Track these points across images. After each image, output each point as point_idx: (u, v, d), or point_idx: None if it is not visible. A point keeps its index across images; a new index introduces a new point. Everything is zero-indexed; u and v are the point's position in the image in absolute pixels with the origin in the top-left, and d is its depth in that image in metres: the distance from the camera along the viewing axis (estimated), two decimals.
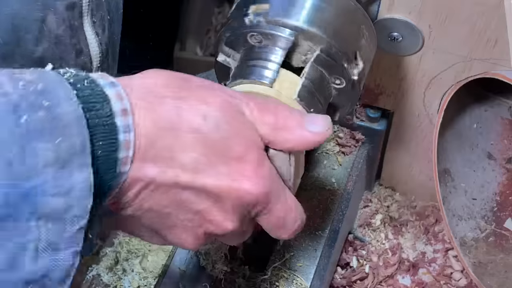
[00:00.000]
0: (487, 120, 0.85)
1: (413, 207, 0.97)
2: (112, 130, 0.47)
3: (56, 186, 0.43)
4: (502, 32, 0.73)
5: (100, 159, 0.46)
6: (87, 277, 0.78)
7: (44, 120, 0.43)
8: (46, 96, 0.44)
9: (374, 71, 0.83)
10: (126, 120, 0.48)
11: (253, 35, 0.65)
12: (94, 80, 0.48)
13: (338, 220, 0.82)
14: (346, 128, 0.90)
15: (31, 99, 0.44)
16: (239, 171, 0.52)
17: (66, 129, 0.44)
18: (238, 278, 0.76)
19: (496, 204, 0.87)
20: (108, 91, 0.48)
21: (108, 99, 0.47)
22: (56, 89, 0.45)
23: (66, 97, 0.45)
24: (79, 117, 0.45)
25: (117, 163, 0.47)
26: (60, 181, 0.44)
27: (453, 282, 0.90)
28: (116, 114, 0.47)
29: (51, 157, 0.43)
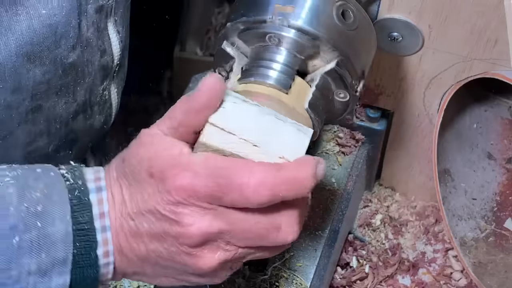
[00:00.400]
0: (487, 120, 0.85)
1: (413, 207, 0.97)
2: (91, 233, 0.55)
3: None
4: (502, 32, 0.73)
5: (79, 258, 0.55)
6: None
7: (33, 239, 0.53)
8: (42, 217, 0.54)
9: (374, 71, 0.83)
10: (103, 222, 0.56)
11: (272, 36, 0.64)
12: (85, 189, 0.56)
13: (338, 220, 0.82)
14: (346, 128, 0.90)
15: (28, 220, 0.53)
16: (157, 183, 0.56)
17: (52, 246, 0.54)
18: (238, 278, 0.76)
19: (496, 204, 0.87)
20: (92, 197, 0.56)
21: (91, 206, 0.56)
22: (54, 209, 0.54)
23: (61, 217, 0.54)
24: (67, 234, 0.54)
25: (97, 258, 0.56)
26: (39, 286, 0.54)
27: (453, 282, 0.90)
28: (95, 217, 0.56)
29: (34, 269, 0.53)
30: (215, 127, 0.56)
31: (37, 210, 0.54)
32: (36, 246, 0.53)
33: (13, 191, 0.54)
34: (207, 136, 0.56)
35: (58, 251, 0.54)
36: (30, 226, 0.53)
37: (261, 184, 0.53)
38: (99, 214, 0.56)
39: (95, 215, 0.56)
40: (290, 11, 0.64)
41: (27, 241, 0.53)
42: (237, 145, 0.56)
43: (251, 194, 0.53)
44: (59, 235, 0.54)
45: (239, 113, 0.58)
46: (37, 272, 0.53)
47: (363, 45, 0.68)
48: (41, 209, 0.54)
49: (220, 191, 0.54)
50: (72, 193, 0.56)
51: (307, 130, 0.59)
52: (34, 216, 0.54)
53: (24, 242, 0.53)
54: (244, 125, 0.57)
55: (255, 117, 0.58)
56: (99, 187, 0.57)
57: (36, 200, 0.54)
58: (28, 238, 0.53)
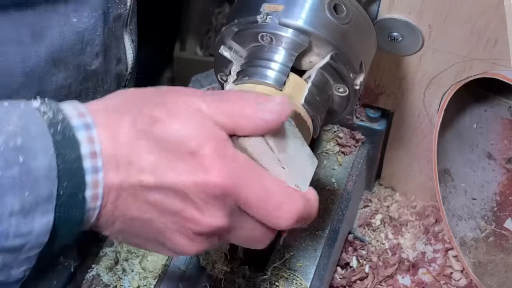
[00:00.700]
0: (487, 120, 0.85)
1: (413, 207, 0.97)
2: (79, 173, 0.51)
3: (17, 231, 0.50)
4: (502, 32, 0.73)
5: (65, 199, 0.51)
6: (87, 277, 0.78)
7: (16, 176, 0.49)
8: (23, 151, 0.49)
9: (374, 71, 0.83)
10: (95, 162, 0.52)
11: (264, 34, 0.65)
12: (68, 124, 0.52)
13: (338, 220, 0.82)
14: (346, 128, 0.90)
15: (8, 155, 0.49)
16: (197, 165, 0.53)
17: (35, 183, 0.50)
18: (238, 278, 0.76)
19: (496, 204, 0.87)
20: (79, 134, 0.52)
21: (78, 144, 0.51)
22: (35, 143, 0.50)
23: (43, 150, 0.50)
24: (51, 169, 0.50)
25: (85, 201, 0.52)
26: (22, 227, 0.50)
27: (453, 282, 0.90)
28: (84, 156, 0.51)
29: (17, 208, 0.49)
30: (262, 138, 0.57)
31: (16, 144, 0.49)
32: (18, 183, 0.49)
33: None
34: (252, 142, 0.57)
35: (42, 188, 0.50)
36: (11, 162, 0.49)
37: (295, 214, 0.56)
38: (90, 154, 0.51)
39: (84, 154, 0.51)
40: (280, 9, 0.64)
41: (9, 178, 0.49)
42: (271, 163, 0.57)
43: (284, 220, 0.56)
44: (42, 171, 0.50)
45: (282, 131, 0.59)
46: (20, 212, 0.49)
47: (358, 38, 0.68)
48: (20, 143, 0.49)
49: (259, 206, 0.55)
50: (54, 127, 0.51)
51: (315, 160, 0.61)
52: (15, 150, 0.49)
53: (5, 179, 0.49)
54: (282, 146, 0.58)
55: (290, 140, 0.59)
56: (86, 124, 0.52)
57: (13, 133, 0.50)
58: (10, 174, 0.49)
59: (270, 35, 0.64)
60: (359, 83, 0.67)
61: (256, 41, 0.65)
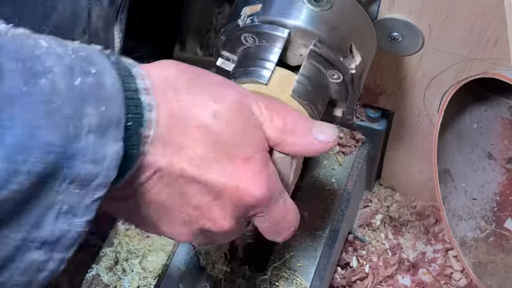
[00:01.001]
0: (487, 120, 0.85)
1: (413, 207, 0.96)
2: (138, 106, 0.48)
3: (94, 153, 0.44)
4: (502, 32, 0.73)
5: (128, 133, 0.47)
6: (87, 277, 0.78)
7: (93, 86, 0.44)
8: (92, 64, 0.45)
9: (374, 71, 0.83)
10: (150, 99, 0.48)
11: (247, 36, 0.66)
12: (118, 57, 0.49)
13: (338, 220, 0.82)
14: (346, 128, 0.90)
15: (82, 64, 0.45)
16: (244, 171, 0.53)
17: (109, 99, 0.45)
18: (238, 278, 0.76)
19: (496, 204, 0.87)
20: (132, 69, 0.49)
21: (134, 76, 0.48)
22: (98, 60, 0.46)
23: (107, 69, 0.46)
24: (119, 90, 0.46)
25: (140, 141, 0.48)
26: (98, 149, 0.44)
27: (453, 282, 0.90)
28: (141, 91, 0.48)
29: (95, 124, 0.44)
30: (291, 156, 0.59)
31: (84, 56, 0.45)
32: (96, 94, 0.44)
33: (48, 41, 0.45)
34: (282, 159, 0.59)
35: (114, 108, 0.45)
36: (86, 71, 0.45)
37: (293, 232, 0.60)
38: (144, 89, 0.48)
39: (140, 88, 0.48)
40: (259, 9, 0.65)
41: (88, 86, 0.44)
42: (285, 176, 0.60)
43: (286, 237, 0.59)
44: (113, 89, 0.46)
45: None
46: (97, 129, 0.44)
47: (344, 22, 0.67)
48: (85, 55, 0.45)
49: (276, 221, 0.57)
50: (112, 59, 0.48)
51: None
52: (86, 61, 0.45)
53: (85, 85, 0.44)
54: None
55: None
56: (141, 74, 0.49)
57: (77, 48, 0.46)
58: (88, 82, 0.44)
59: (252, 35, 0.65)
60: (353, 67, 0.67)
61: (243, 44, 0.67)
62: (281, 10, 0.65)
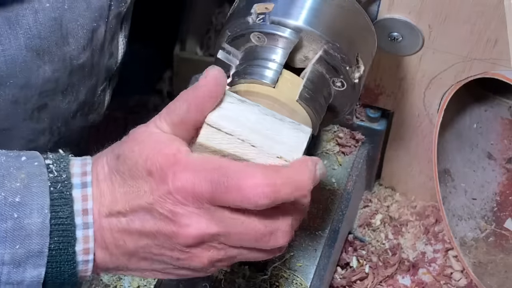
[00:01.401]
0: (487, 120, 0.85)
1: (413, 207, 0.97)
2: (70, 229, 0.55)
3: (8, 279, 0.54)
4: (502, 32, 0.73)
5: (56, 252, 0.54)
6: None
7: (8, 230, 0.53)
8: (19, 208, 0.54)
9: (374, 71, 0.83)
10: (86, 219, 0.55)
11: (256, 35, 0.65)
12: (68, 183, 0.56)
13: (338, 220, 0.82)
14: (346, 128, 0.90)
15: (4, 210, 0.53)
16: (155, 181, 0.55)
17: (26, 238, 0.53)
18: (238, 278, 0.76)
19: (496, 204, 0.87)
20: (75, 193, 0.55)
21: (72, 202, 0.55)
22: (33, 202, 0.54)
23: (39, 209, 0.54)
24: (44, 228, 0.54)
25: (75, 255, 0.55)
26: (13, 275, 0.54)
27: (453, 282, 0.90)
28: (76, 213, 0.55)
29: (7, 259, 0.53)
30: (212, 127, 0.57)
31: (14, 201, 0.54)
32: (10, 236, 0.53)
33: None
34: (205, 137, 0.57)
35: (33, 243, 0.54)
36: (6, 216, 0.53)
37: (261, 185, 0.53)
38: (82, 211, 0.55)
39: (77, 211, 0.55)
40: (271, 8, 0.65)
41: (2, 231, 0.53)
42: (235, 146, 0.57)
43: (251, 194, 0.53)
44: (35, 228, 0.54)
45: (237, 113, 0.58)
46: (11, 262, 0.53)
47: (352, 31, 0.68)
48: (19, 200, 0.54)
49: (220, 191, 0.54)
50: (55, 186, 0.55)
51: (305, 129, 0.59)
52: (11, 206, 0.53)
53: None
54: (242, 126, 0.57)
55: (253, 117, 0.58)
56: (84, 182, 0.56)
57: (15, 190, 0.54)
58: (3, 228, 0.53)
59: (262, 35, 0.65)
60: (357, 77, 0.67)
61: (250, 42, 0.66)
62: (292, 12, 0.65)
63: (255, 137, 0.57)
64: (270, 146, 0.57)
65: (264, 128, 0.58)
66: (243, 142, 0.57)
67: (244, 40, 0.66)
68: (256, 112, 0.59)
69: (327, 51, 0.65)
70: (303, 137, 0.59)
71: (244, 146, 0.57)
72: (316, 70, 0.66)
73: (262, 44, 0.65)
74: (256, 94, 0.63)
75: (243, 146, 0.57)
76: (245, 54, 0.67)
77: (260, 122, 0.58)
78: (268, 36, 0.65)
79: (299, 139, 0.58)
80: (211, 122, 0.57)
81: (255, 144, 0.57)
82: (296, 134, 0.58)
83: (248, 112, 0.58)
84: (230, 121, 0.57)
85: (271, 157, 0.57)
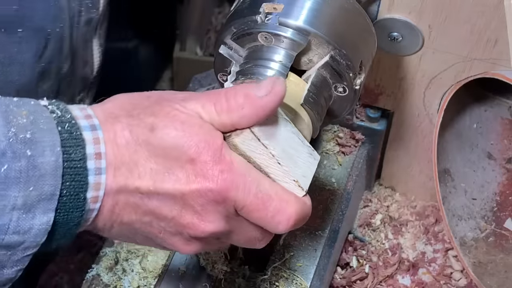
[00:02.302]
0: (487, 120, 0.85)
1: (413, 207, 0.97)
2: (82, 173, 0.51)
3: (17, 226, 0.50)
4: (502, 32, 0.73)
5: (66, 198, 0.51)
6: (87, 277, 0.78)
7: (23, 170, 0.49)
8: (32, 146, 0.49)
9: (374, 71, 0.83)
10: (99, 163, 0.52)
11: (263, 34, 0.65)
12: (75, 123, 0.52)
13: (338, 220, 0.82)
14: (346, 128, 0.90)
15: (17, 148, 0.49)
16: (195, 172, 0.53)
17: (40, 179, 0.49)
18: (238, 278, 0.76)
19: (496, 204, 0.87)
20: (86, 134, 0.52)
21: (84, 143, 0.51)
22: (44, 138, 0.50)
23: (51, 146, 0.50)
24: (57, 167, 0.50)
25: (86, 202, 0.52)
26: (22, 223, 0.50)
27: (453, 282, 0.90)
28: (89, 157, 0.51)
29: (20, 203, 0.49)
30: (252, 134, 0.57)
31: (25, 137, 0.49)
32: (25, 177, 0.49)
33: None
34: (241, 140, 0.57)
35: (46, 184, 0.50)
36: (19, 155, 0.49)
37: (293, 217, 0.56)
38: (94, 154, 0.52)
39: (89, 154, 0.51)
40: (280, 9, 0.65)
41: (16, 171, 0.49)
42: (264, 158, 0.57)
43: (283, 222, 0.56)
44: (49, 167, 0.50)
45: (274, 125, 0.59)
46: (22, 207, 0.49)
47: (358, 38, 0.68)
48: (30, 136, 0.50)
49: (258, 208, 0.55)
50: (62, 125, 0.51)
51: (316, 156, 0.61)
52: (23, 143, 0.49)
53: (12, 171, 0.49)
54: (276, 141, 0.58)
55: (284, 134, 0.59)
56: (92, 125, 0.53)
57: (23, 126, 0.50)
58: (17, 167, 0.49)
59: (270, 35, 0.65)
60: (359, 83, 0.67)
61: (256, 40, 0.66)
62: (303, 15, 0.64)
63: (283, 156, 0.58)
64: (291, 168, 0.58)
65: (290, 147, 0.59)
66: (272, 157, 0.58)
67: (250, 38, 0.66)
68: (288, 129, 0.60)
69: (333, 57, 0.65)
70: (313, 164, 0.61)
71: (272, 161, 0.58)
72: (320, 75, 0.66)
73: (268, 44, 0.65)
74: None
75: (271, 161, 0.58)
76: (250, 53, 0.66)
77: (288, 141, 0.59)
78: (275, 37, 0.65)
79: (311, 166, 0.60)
80: (254, 130, 0.57)
81: (282, 163, 0.58)
82: (309, 160, 0.60)
83: (282, 127, 0.59)
84: (268, 133, 0.58)
85: (289, 179, 0.58)
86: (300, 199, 0.58)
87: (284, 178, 0.58)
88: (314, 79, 0.65)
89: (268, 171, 0.58)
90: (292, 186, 0.58)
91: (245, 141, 0.57)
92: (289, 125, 0.60)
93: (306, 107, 0.64)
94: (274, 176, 0.58)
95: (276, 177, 0.58)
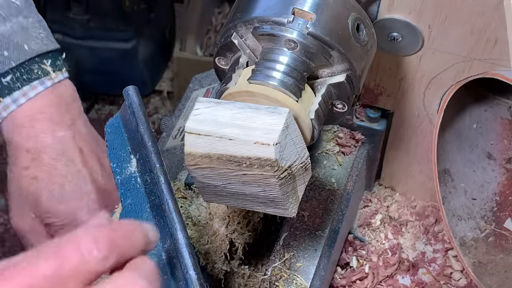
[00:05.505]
0: (487, 120, 0.85)
1: (413, 207, 0.97)
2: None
3: None
4: (502, 32, 0.73)
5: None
6: None
7: None
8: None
9: (374, 71, 0.83)
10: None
11: (289, 40, 0.64)
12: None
13: (338, 220, 0.82)
14: (346, 128, 0.90)
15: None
16: None
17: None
18: (238, 278, 0.76)
19: (496, 204, 0.87)
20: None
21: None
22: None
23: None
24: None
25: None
26: None
27: (453, 282, 0.90)
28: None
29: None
30: (192, 134, 0.58)
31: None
32: None
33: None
34: (189, 145, 0.58)
35: None
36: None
37: (98, 237, 0.48)
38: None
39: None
40: (309, 18, 0.64)
41: None
42: (216, 145, 0.57)
43: (91, 246, 0.48)
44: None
45: (214, 113, 0.59)
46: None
47: (368, 63, 0.69)
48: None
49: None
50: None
51: (281, 110, 0.59)
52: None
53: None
54: (218, 124, 0.58)
55: (228, 114, 0.59)
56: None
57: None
58: None
59: (295, 42, 0.64)
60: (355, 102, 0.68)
61: (278, 42, 0.65)
62: (331, 29, 0.64)
63: (231, 131, 0.58)
64: (246, 134, 0.58)
65: (240, 120, 0.59)
66: (221, 139, 0.57)
67: (272, 38, 0.64)
68: (231, 108, 0.59)
69: (348, 78, 0.65)
70: (279, 119, 0.59)
71: (223, 142, 0.57)
72: (329, 90, 0.66)
73: (291, 50, 0.64)
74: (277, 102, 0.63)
75: (222, 143, 0.57)
76: (269, 53, 0.65)
77: (236, 117, 0.59)
78: (301, 45, 0.64)
79: (275, 121, 0.59)
80: (190, 129, 0.58)
81: (232, 137, 0.57)
82: (272, 117, 0.59)
83: (223, 110, 0.59)
84: (206, 123, 0.58)
85: (249, 144, 0.57)
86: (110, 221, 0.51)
87: (244, 147, 0.57)
88: (323, 93, 0.66)
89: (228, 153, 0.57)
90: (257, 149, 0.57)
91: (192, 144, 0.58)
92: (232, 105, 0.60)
93: (314, 121, 0.64)
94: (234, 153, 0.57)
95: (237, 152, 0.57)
